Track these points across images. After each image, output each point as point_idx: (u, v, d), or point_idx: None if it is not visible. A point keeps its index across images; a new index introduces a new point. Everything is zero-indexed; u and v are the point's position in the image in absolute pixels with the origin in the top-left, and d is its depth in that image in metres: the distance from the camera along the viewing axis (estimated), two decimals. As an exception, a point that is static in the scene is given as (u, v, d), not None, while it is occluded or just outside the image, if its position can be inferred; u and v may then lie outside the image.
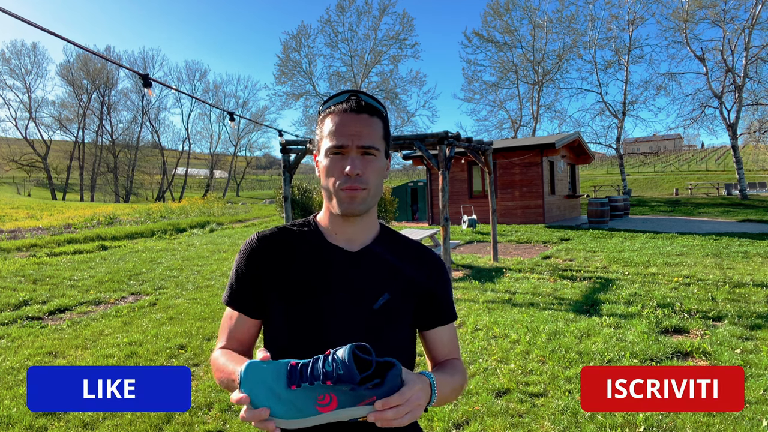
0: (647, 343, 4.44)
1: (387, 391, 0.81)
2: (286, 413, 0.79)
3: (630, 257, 9.22)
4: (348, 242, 1.08)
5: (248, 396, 0.78)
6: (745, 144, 33.66)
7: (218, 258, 10.60)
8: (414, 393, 0.84)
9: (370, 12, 39.25)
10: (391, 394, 0.81)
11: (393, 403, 0.81)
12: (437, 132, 7.52)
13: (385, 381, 0.82)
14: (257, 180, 79.91)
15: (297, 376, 0.80)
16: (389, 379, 0.82)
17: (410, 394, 0.83)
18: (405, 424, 0.83)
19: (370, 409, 0.81)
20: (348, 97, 1.03)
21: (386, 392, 0.81)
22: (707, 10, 25.60)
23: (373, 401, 0.81)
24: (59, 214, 21.84)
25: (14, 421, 3.24)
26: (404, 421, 0.82)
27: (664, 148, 64.66)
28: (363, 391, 0.80)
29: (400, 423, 0.82)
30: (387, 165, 1.08)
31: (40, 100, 62.39)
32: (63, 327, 5.51)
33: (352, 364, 0.80)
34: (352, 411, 0.81)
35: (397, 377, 0.83)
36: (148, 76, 5.40)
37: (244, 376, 0.80)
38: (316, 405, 0.80)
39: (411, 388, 0.83)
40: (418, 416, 0.85)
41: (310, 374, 0.80)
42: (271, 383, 0.80)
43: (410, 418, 0.83)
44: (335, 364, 0.80)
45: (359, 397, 0.81)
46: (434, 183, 17.43)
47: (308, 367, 0.81)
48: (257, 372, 0.80)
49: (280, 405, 0.79)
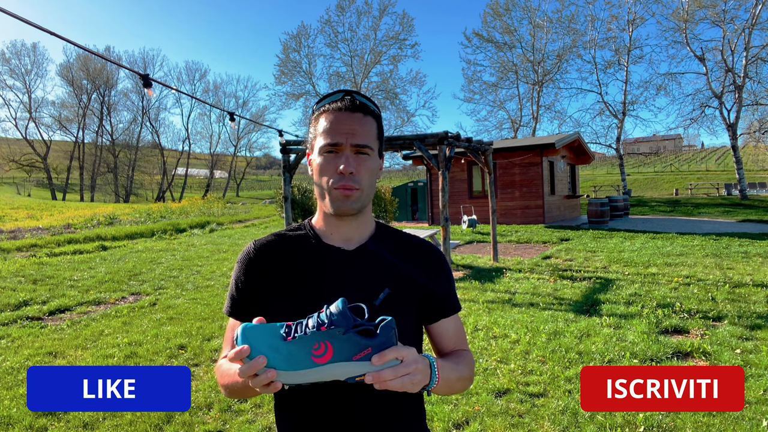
0: (647, 343, 4.44)
1: (383, 341, 0.81)
2: (284, 364, 0.80)
3: (630, 257, 9.22)
4: (344, 242, 1.08)
5: (248, 347, 0.79)
6: (745, 144, 33.68)
7: (218, 258, 10.60)
8: (411, 353, 0.83)
9: (370, 12, 39.37)
10: (384, 346, 0.81)
11: (388, 355, 0.80)
12: (437, 132, 7.52)
13: (380, 331, 0.82)
14: (257, 180, 79.92)
15: (293, 330, 0.82)
16: (384, 330, 0.82)
17: (407, 352, 0.82)
18: (404, 388, 0.82)
19: (367, 365, 0.81)
20: (342, 96, 1.03)
21: (382, 343, 0.81)
22: (707, 10, 25.61)
23: (368, 353, 0.80)
24: (59, 214, 21.84)
25: (14, 421, 3.24)
26: (404, 383, 0.82)
27: (664, 148, 64.67)
28: (357, 336, 0.80)
29: (398, 384, 0.81)
30: (380, 165, 1.09)
31: (40, 100, 62.50)
32: (63, 327, 5.51)
33: (346, 310, 0.81)
34: (348, 366, 0.81)
35: (390, 329, 0.83)
36: (149, 76, 5.40)
37: (241, 332, 0.81)
38: (311, 355, 0.80)
39: (407, 348, 0.83)
40: (417, 384, 0.84)
41: (305, 326, 0.82)
42: (268, 338, 0.81)
43: (409, 380, 0.82)
44: (328, 312, 0.82)
45: (354, 346, 0.80)
46: (434, 183, 17.43)
47: (303, 322, 0.83)
48: (254, 330, 0.82)
49: (277, 356, 0.80)
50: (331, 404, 0.99)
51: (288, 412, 1.04)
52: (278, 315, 1.03)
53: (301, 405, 1.01)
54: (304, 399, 1.00)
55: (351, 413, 0.99)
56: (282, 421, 1.06)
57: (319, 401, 0.99)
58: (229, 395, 1.03)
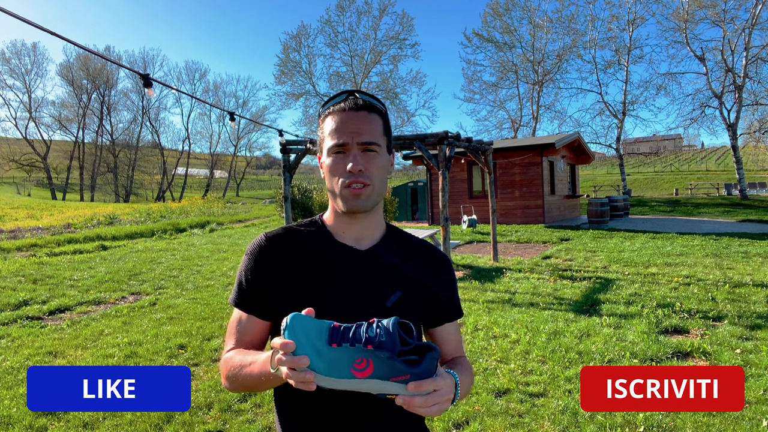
0: (647, 343, 4.44)
1: (422, 372, 0.81)
2: (323, 369, 0.79)
3: (630, 257, 9.21)
4: (356, 241, 1.08)
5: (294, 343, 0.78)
6: (745, 144, 33.66)
7: (218, 258, 10.60)
8: (446, 384, 0.84)
9: (370, 12, 39.25)
10: (425, 377, 0.81)
11: (426, 387, 0.81)
12: (437, 132, 7.51)
13: (423, 361, 0.82)
14: (257, 180, 79.90)
15: (339, 335, 0.81)
16: (426, 360, 0.82)
17: (442, 384, 0.83)
18: (430, 414, 0.83)
19: (402, 388, 0.81)
20: (346, 97, 1.04)
21: (421, 373, 0.81)
22: (707, 10, 25.60)
23: (406, 379, 0.80)
24: (59, 214, 21.84)
25: (14, 421, 3.24)
26: (431, 411, 0.82)
27: (664, 148, 64.65)
28: (399, 363, 0.80)
29: (426, 412, 0.82)
30: (390, 161, 1.09)
31: (40, 100, 62.44)
32: (63, 327, 5.51)
33: (396, 333, 0.80)
34: (383, 384, 0.81)
35: (434, 360, 0.83)
36: (149, 76, 5.40)
37: (290, 323, 0.80)
38: (352, 368, 0.80)
39: (444, 379, 0.84)
40: (444, 410, 0.85)
41: (353, 336, 0.81)
42: (313, 337, 0.80)
43: (437, 409, 0.83)
44: (379, 330, 0.80)
45: (394, 370, 0.80)
46: (434, 183, 17.42)
47: (351, 330, 0.82)
48: (302, 323, 0.80)
49: (319, 360, 0.79)
50: (336, 402, 0.99)
51: (298, 414, 1.03)
52: (285, 312, 1.03)
53: (305, 401, 1.01)
54: (309, 396, 1.00)
55: (353, 411, 0.99)
56: (284, 414, 1.05)
57: (324, 399, 0.99)
58: (232, 388, 1.01)
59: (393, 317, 0.82)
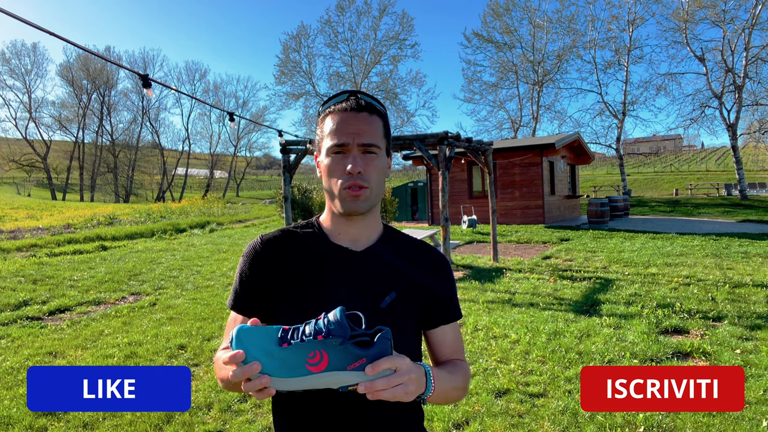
0: (647, 343, 4.44)
1: (377, 352, 0.81)
2: (278, 371, 0.79)
3: (630, 257, 9.21)
4: (352, 242, 1.08)
5: (243, 352, 0.79)
6: (745, 144, 33.67)
7: (218, 258, 10.60)
8: (405, 364, 0.83)
9: (370, 12, 39.29)
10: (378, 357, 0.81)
11: (382, 365, 0.80)
12: (437, 132, 7.51)
13: (376, 342, 0.82)
14: (257, 180, 79.91)
15: (289, 335, 0.81)
16: (379, 341, 0.82)
17: (401, 363, 0.82)
18: (397, 398, 0.82)
19: (361, 375, 0.81)
20: (347, 97, 1.03)
21: (377, 354, 0.81)
22: (707, 11, 25.60)
23: (363, 363, 0.80)
24: (59, 215, 21.84)
25: (14, 421, 3.24)
26: (396, 393, 0.81)
27: (664, 149, 64.66)
28: (352, 347, 0.80)
29: (391, 394, 0.81)
30: (388, 164, 1.08)
31: (40, 101, 62.53)
32: (63, 327, 5.51)
33: (344, 320, 0.81)
34: (341, 375, 0.81)
35: (387, 340, 0.82)
36: (148, 77, 5.40)
37: (236, 335, 0.80)
38: (307, 363, 0.80)
39: (401, 357, 0.83)
40: (410, 393, 0.84)
41: (302, 333, 0.81)
42: (263, 343, 0.80)
43: (401, 390, 0.82)
44: (326, 321, 0.81)
45: (349, 356, 0.80)
46: (434, 183, 17.43)
47: (300, 328, 0.82)
48: (249, 332, 0.81)
49: (271, 362, 0.79)
50: (332, 405, 0.98)
51: (287, 413, 1.03)
52: (282, 314, 1.03)
53: (302, 406, 1.01)
54: (305, 400, 1.00)
55: (351, 414, 0.99)
56: (281, 421, 1.05)
57: (321, 402, 0.99)
58: (225, 387, 1.02)
59: (338, 307, 0.82)
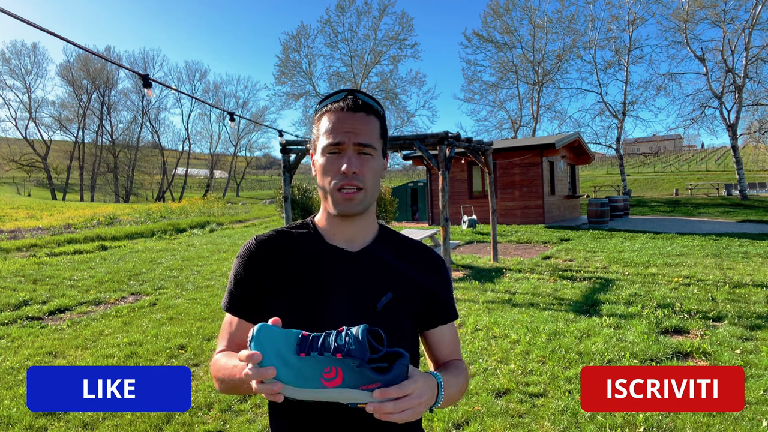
0: (647, 343, 4.44)
1: (392, 379, 0.81)
2: (292, 380, 0.79)
3: (630, 257, 9.21)
4: (347, 243, 1.07)
5: (260, 354, 0.78)
6: (745, 144, 33.67)
7: (218, 258, 10.60)
8: (417, 388, 0.83)
9: (370, 12, 39.29)
10: (393, 382, 0.81)
11: (392, 394, 0.80)
12: (437, 132, 7.51)
13: (392, 368, 0.82)
14: (257, 180, 79.89)
15: (307, 345, 0.80)
16: (396, 367, 0.82)
17: (412, 389, 0.82)
18: (404, 420, 0.82)
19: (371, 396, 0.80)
20: (345, 96, 1.02)
21: (391, 380, 0.81)
22: (707, 11, 25.60)
23: (377, 387, 0.80)
24: (59, 214, 21.84)
25: (14, 421, 3.24)
26: (403, 417, 0.81)
27: (664, 149, 64.65)
28: (369, 371, 0.80)
29: (399, 418, 0.81)
30: (384, 164, 1.08)
31: (40, 100, 62.40)
32: (63, 327, 5.51)
33: (366, 341, 0.80)
34: (354, 393, 0.80)
35: (404, 366, 0.82)
36: (148, 77, 5.40)
37: (256, 334, 0.79)
38: (321, 377, 0.79)
39: (414, 383, 0.83)
40: (419, 414, 0.84)
41: (321, 345, 0.80)
42: (281, 347, 0.79)
43: (410, 414, 0.82)
44: (348, 338, 0.80)
45: (364, 378, 0.80)
46: (434, 183, 17.42)
47: (320, 339, 0.81)
48: (269, 333, 0.80)
49: (287, 370, 0.79)
50: (328, 405, 0.98)
51: (283, 411, 1.03)
52: (276, 313, 1.02)
53: (298, 405, 1.00)
54: (302, 402, 1.00)
55: (347, 413, 0.98)
56: (276, 419, 1.05)
57: (317, 403, 0.98)
58: (222, 390, 1.01)
59: (362, 325, 0.82)
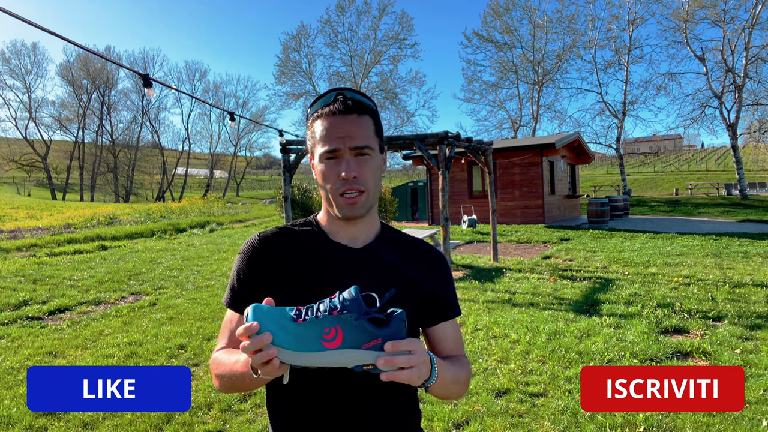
0: (647, 343, 4.44)
1: (392, 333, 0.81)
2: (291, 344, 0.79)
3: (630, 257, 9.21)
4: (350, 240, 1.08)
5: (257, 324, 0.78)
6: (745, 144, 33.67)
7: (218, 258, 10.60)
8: (421, 347, 0.84)
9: (370, 12, 39.23)
10: (393, 338, 0.81)
11: (403, 346, 0.81)
12: (437, 132, 7.51)
13: (391, 322, 0.82)
14: (257, 180, 79.89)
15: (304, 313, 0.81)
16: (394, 321, 0.82)
17: (417, 345, 0.83)
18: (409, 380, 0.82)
19: (376, 354, 0.81)
20: (334, 98, 1.01)
21: (391, 335, 0.81)
22: (707, 10, 25.61)
23: (378, 344, 0.80)
24: (59, 214, 21.84)
25: (14, 421, 3.24)
26: (412, 375, 0.82)
27: (664, 148, 64.66)
28: (368, 324, 0.80)
29: (407, 375, 0.82)
30: (383, 160, 1.08)
31: (40, 100, 62.40)
32: (63, 327, 5.51)
33: (359, 296, 0.81)
34: (357, 354, 0.80)
35: (401, 321, 0.83)
36: (149, 76, 5.40)
37: (252, 311, 0.80)
38: (321, 339, 0.79)
39: (418, 342, 0.84)
40: (421, 376, 0.85)
41: (317, 309, 0.81)
42: (278, 318, 0.80)
43: (416, 372, 0.83)
44: (341, 298, 0.81)
45: (365, 334, 0.80)
46: (434, 183, 17.42)
47: (314, 306, 0.82)
48: (264, 310, 0.81)
49: (285, 335, 0.79)
50: (329, 403, 0.98)
51: (281, 411, 1.03)
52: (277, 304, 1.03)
53: (297, 404, 1.00)
54: (301, 397, 0.99)
55: (349, 412, 0.98)
56: (276, 417, 1.05)
57: (317, 401, 0.98)
58: (221, 388, 1.01)
59: (353, 285, 0.83)
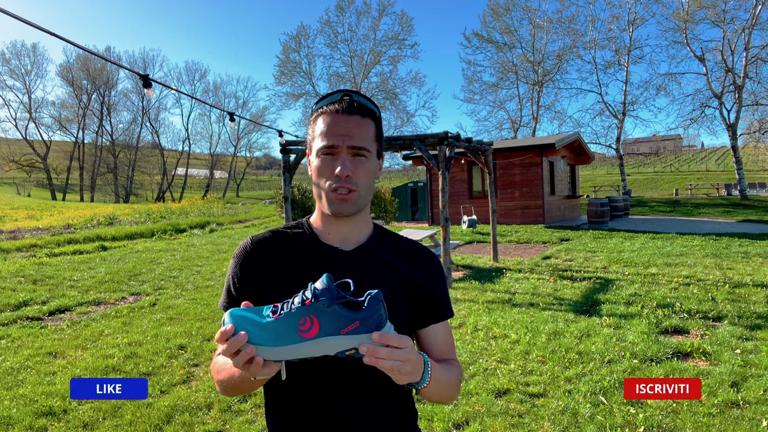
0: (647, 343, 4.44)
1: (369, 315, 0.80)
2: (269, 340, 0.79)
3: (630, 257, 9.21)
4: (342, 242, 1.08)
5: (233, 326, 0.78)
6: (745, 144, 33.69)
7: (218, 258, 10.60)
8: (410, 345, 0.83)
9: (369, 12, 39.24)
10: (372, 319, 0.80)
11: (390, 340, 0.79)
12: (437, 132, 7.51)
13: (366, 304, 0.81)
14: (257, 180, 79.91)
15: (279, 309, 0.82)
16: (371, 303, 0.81)
17: (407, 342, 0.82)
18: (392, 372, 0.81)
19: (358, 338, 0.80)
20: (341, 98, 1.02)
21: (368, 317, 0.80)
22: (707, 11, 25.62)
23: (356, 327, 0.79)
24: (59, 215, 21.85)
25: (14, 421, 3.24)
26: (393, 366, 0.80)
27: (664, 149, 64.69)
28: (342, 309, 0.79)
29: (390, 365, 0.80)
30: (379, 165, 1.08)
31: (40, 101, 62.67)
32: (63, 327, 5.51)
33: (330, 283, 0.80)
34: (337, 340, 0.80)
35: (378, 302, 0.81)
36: (149, 77, 5.41)
37: (229, 315, 0.81)
38: (298, 330, 0.79)
39: (408, 340, 0.83)
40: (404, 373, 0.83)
41: (291, 303, 0.81)
42: (254, 318, 0.80)
43: (398, 366, 0.81)
44: (313, 288, 0.81)
45: (341, 320, 0.79)
46: (434, 183, 17.43)
47: (289, 301, 0.82)
48: (240, 311, 0.82)
49: (262, 332, 0.79)
50: (324, 401, 0.98)
51: (279, 410, 1.03)
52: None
53: (294, 403, 1.00)
54: (296, 398, 1.00)
55: (343, 411, 0.98)
56: (274, 418, 1.05)
57: (313, 398, 0.98)
58: (223, 391, 1.02)
59: (325, 274, 0.82)
